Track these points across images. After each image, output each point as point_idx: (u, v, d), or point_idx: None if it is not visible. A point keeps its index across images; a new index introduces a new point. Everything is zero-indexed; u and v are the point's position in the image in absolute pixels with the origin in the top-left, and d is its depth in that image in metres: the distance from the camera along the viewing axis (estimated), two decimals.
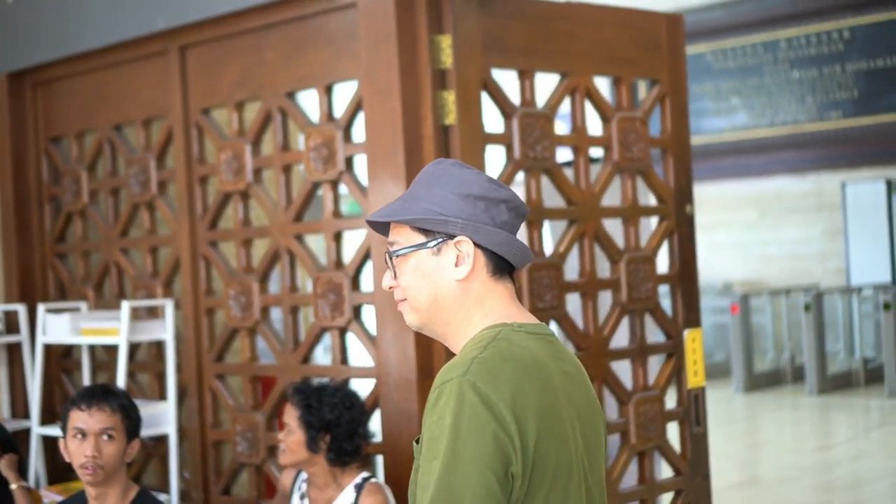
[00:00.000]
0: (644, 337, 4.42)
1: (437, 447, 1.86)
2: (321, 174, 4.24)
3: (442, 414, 1.88)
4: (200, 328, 4.75)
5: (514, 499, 1.87)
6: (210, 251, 4.71)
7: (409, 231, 2.05)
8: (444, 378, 1.91)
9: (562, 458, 1.93)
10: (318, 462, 3.60)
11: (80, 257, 5.38)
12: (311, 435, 3.57)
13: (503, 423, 1.85)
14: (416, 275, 2.05)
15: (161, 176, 4.94)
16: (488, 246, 2.03)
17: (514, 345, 1.96)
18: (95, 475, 3.26)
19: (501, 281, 2.06)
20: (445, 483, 1.83)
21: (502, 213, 2.03)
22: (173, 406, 4.76)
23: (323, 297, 4.24)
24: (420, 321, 2.09)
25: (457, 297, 2.04)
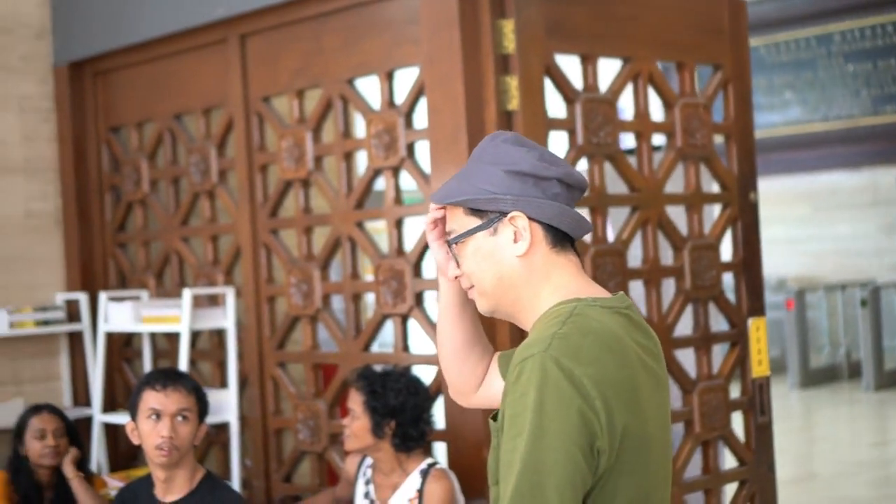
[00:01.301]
0: (708, 325, 4.37)
1: (521, 423, 1.84)
2: (382, 161, 4.23)
3: (525, 390, 1.85)
4: (261, 316, 4.76)
5: (599, 474, 1.86)
6: (271, 239, 4.72)
7: (463, 216, 2.04)
8: (524, 354, 1.89)
9: (643, 432, 1.91)
10: (384, 448, 3.59)
11: (140, 246, 5.41)
12: (376, 420, 3.56)
13: (588, 399, 1.83)
14: (478, 258, 2.04)
15: (221, 164, 4.96)
16: (542, 219, 2.01)
17: (592, 319, 1.94)
18: (170, 456, 3.27)
19: (564, 253, 2.04)
20: (531, 459, 1.81)
21: (553, 187, 2.01)
22: (234, 394, 4.77)
23: (385, 285, 4.23)
24: (490, 305, 2.07)
25: (521, 274, 2.02)
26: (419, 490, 3.56)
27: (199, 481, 3.35)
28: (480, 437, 3.86)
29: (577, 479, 1.81)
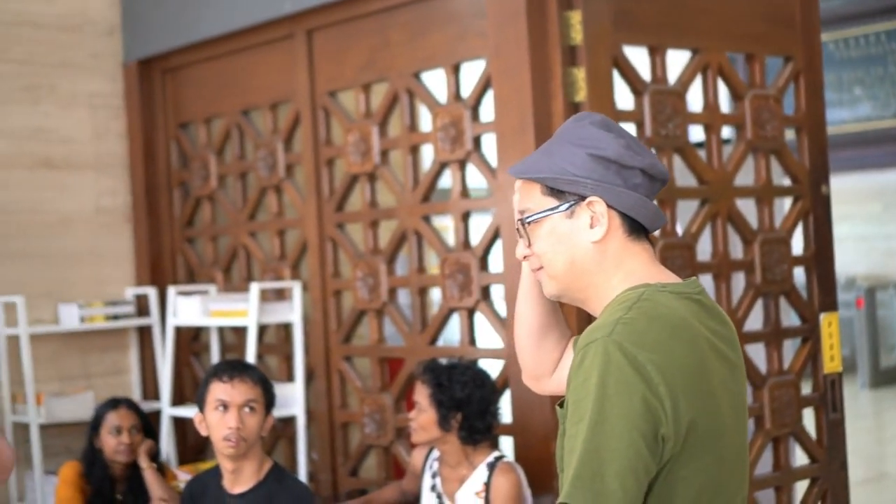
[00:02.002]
0: (779, 320, 4.31)
1: (583, 409, 1.81)
2: (449, 154, 4.22)
3: (587, 375, 1.82)
4: (328, 310, 4.77)
5: (664, 461, 1.82)
6: (337, 233, 4.73)
7: (539, 196, 2.00)
8: (588, 339, 1.86)
9: (713, 419, 1.87)
10: (450, 440, 3.58)
11: (208, 241, 5.45)
12: (443, 413, 3.54)
13: (651, 385, 1.79)
14: (551, 240, 2.00)
15: (288, 159, 4.98)
16: (620, 208, 1.97)
17: (660, 305, 1.90)
18: (238, 447, 3.28)
19: (639, 242, 2.00)
20: (592, 445, 1.78)
21: (635, 177, 1.98)
22: (301, 388, 4.79)
23: (451, 278, 4.22)
24: (558, 288, 2.04)
25: (594, 259, 1.98)
26: (486, 483, 3.55)
27: (266, 473, 3.36)
28: (548, 431, 3.83)
29: (639, 467, 1.77)
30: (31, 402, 4.98)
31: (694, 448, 1.84)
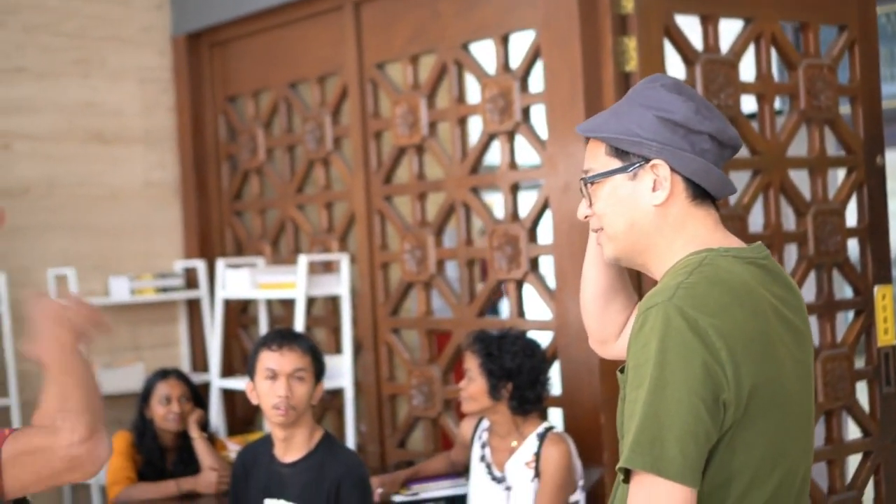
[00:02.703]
0: (832, 292, 4.26)
1: (643, 374, 1.79)
2: (497, 126, 4.20)
3: (647, 340, 1.80)
4: (375, 282, 4.77)
5: (726, 427, 1.79)
6: (385, 206, 4.72)
7: (604, 156, 1.98)
8: (648, 304, 1.83)
9: (776, 385, 1.84)
10: (500, 410, 3.57)
11: (256, 214, 5.46)
12: (493, 383, 3.53)
13: (712, 350, 1.76)
14: (612, 201, 1.98)
15: (336, 132, 4.97)
16: (684, 172, 1.94)
17: (722, 269, 1.87)
18: (287, 415, 3.29)
19: (703, 206, 1.97)
20: (652, 410, 1.76)
21: (703, 142, 1.94)
22: (349, 360, 4.79)
23: (499, 250, 4.20)
24: (617, 250, 2.01)
25: (655, 223, 1.95)
26: (536, 454, 3.53)
27: (317, 442, 3.36)
28: (596, 403, 3.81)
29: (699, 432, 1.74)
30: None
31: (756, 415, 1.81)
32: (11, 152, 5.22)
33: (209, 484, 4.12)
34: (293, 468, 3.34)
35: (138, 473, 4.20)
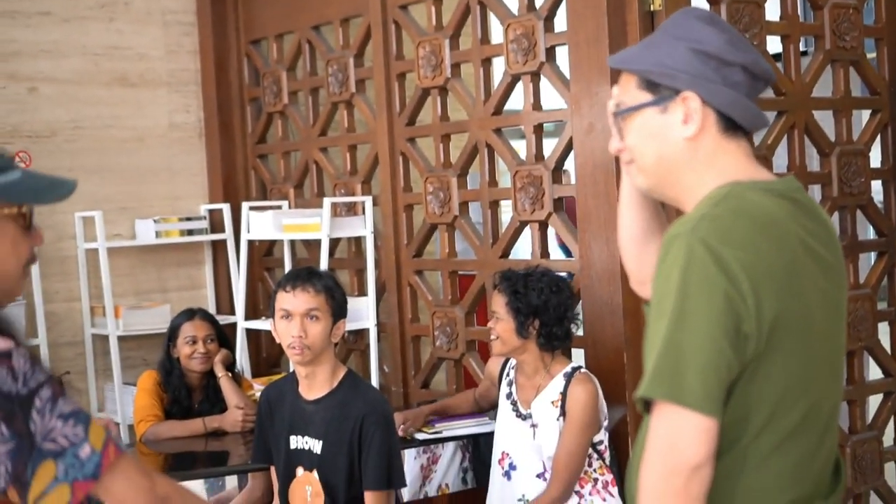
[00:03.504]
0: (855, 233, 4.25)
1: (665, 305, 1.79)
2: (521, 66, 4.19)
3: (669, 272, 1.80)
4: (399, 224, 4.79)
5: (748, 359, 1.79)
6: (408, 147, 4.73)
7: (635, 89, 1.97)
8: (671, 235, 1.83)
9: (802, 319, 1.82)
10: (529, 349, 3.59)
11: (280, 157, 5.48)
12: (520, 321, 3.55)
13: (735, 282, 1.75)
14: (643, 134, 1.97)
15: (359, 74, 4.97)
16: (716, 105, 1.92)
17: (749, 202, 1.86)
18: (303, 354, 3.31)
19: (734, 139, 1.95)
20: (672, 341, 1.76)
21: (735, 74, 1.92)
22: (373, 301, 4.83)
23: (522, 191, 4.21)
24: (648, 183, 2.01)
25: (685, 156, 1.94)
26: (562, 393, 3.56)
27: (340, 379, 3.39)
28: (620, 342, 3.83)
29: (720, 364, 1.74)
30: (110, 315, 5.08)
31: (778, 348, 1.80)
32: (38, 96, 5.25)
33: (235, 422, 4.18)
34: (317, 405, 3.37)
35: (165, 412, 4.25)
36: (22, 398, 1.71)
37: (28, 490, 1.72)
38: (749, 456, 1.82)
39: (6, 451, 1.70)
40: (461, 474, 3.92)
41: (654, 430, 1.78)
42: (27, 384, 1.72)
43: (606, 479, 3.60)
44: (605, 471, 3.60)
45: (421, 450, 3.83)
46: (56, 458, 1.72)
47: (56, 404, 1.74)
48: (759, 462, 1.82)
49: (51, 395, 1.74)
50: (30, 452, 1.71)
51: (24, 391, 1.72)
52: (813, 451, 1.87)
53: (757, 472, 1.82)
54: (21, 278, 1.89)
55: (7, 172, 1.85)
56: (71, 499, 1.73)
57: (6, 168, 1.85)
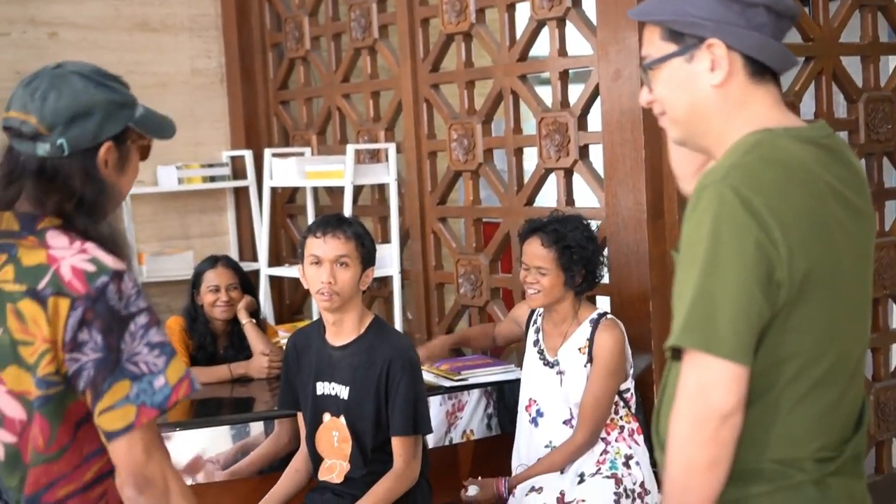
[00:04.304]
0: (882, 180, 4.23)
1: (695, 253, 1.79)
2: (547, 12, 4.15)
3: (700, 219, 1.79)
4: (423, 171, 4.78)
5: (779, 306, 1.79)
6: (432, 94, 4.70)
7: (659, 41, 1.95)
8: (702, 183, 1.83)
9: (833, 266, 1.83)
10: (568, 298, 3.60)
11: (302, 103, 5.46)
12: (570, 274, 3.55)
13: (766, 228, 1.75)
14: (671, 85, 1.96)
15: (382, 19, 4.94)
16: (742, 49, 1.90)
17: (778, 149, 1.85)
18: (331, 301, 3.32)
19: (763, 84, 1.93)
20: (704, 290, 1.76)
21: (759, 16, 1.90)
22: (396, 248, 4.83)
23: (548, 138, 4.19)
24: (680, 133, 2.00)
25: (714, 104, 1.93)
26: (589, 339, 3.56)
27: (367, 326, 3.40)
28: (644, 290, 3.83)
29: (752, 311, 1.75)
30: (134, 261, 5.07)
31: (810, 295, 1.80)
32: (59, 41, 5.24)
33: (260, 368, 4.19)
34: (343, 351, 3.39)
35: (190, 358, 4.27)
36: (121, 318, 1.86)
37: (99, 400, 1.85)
38: (780, 404, 1.83)
39: (94, 359, 1.85)
40: (486, 420, 3.94)
41: (685, 378, 1.79)
42: (128, 307, 1.87)
43: (632, 427, 3.61)
44: (631, 418, 3.62)
45: (446, 396, 3.84)
46: (133, 380, 1.86)
47: (148, 332, 1.88)
48: (790, 409, 1.83)
49: (146, 323, 1.88)
50: (113, 368, 1.85)
51: (125, 312, 1.87)
52: (840, 398, 1.88)
53: (788, 420, 1.83)
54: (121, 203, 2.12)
55: (136, 107, 2.07)
56: (134, 420, 1.86)
57: (134, 104, 2.07)
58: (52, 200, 1.96)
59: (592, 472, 3.57)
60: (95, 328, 1.84)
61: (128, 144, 2.05)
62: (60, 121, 1.96)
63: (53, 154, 1.97)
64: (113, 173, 2.02)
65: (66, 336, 1.85)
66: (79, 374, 1.86)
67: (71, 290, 1.86)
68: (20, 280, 1.89)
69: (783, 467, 1.84)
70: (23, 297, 1.88)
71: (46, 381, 1.87)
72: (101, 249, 1.93)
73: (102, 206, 2.00)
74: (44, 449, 1.90)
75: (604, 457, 3.58)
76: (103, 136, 1.99)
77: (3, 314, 1.89)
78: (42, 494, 1.92)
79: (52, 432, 1.90)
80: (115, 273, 1.88)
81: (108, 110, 2.00)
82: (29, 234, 1.94)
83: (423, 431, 3.36)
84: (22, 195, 1.98)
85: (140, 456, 1.88)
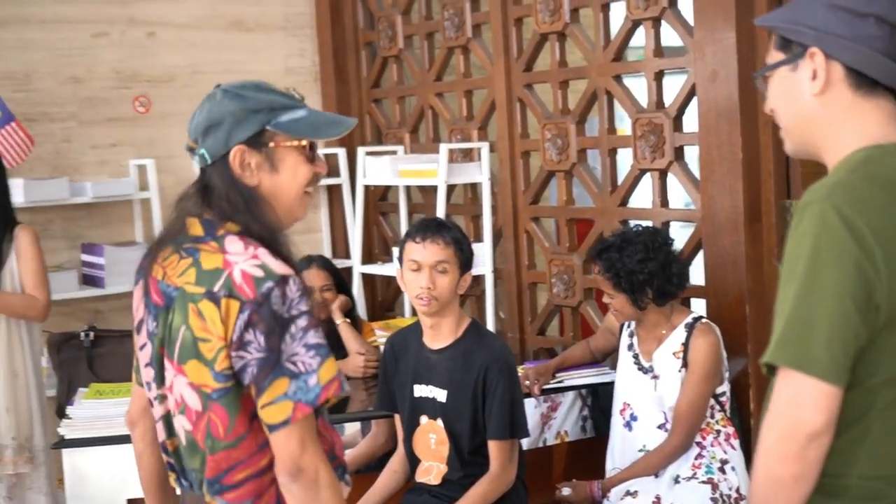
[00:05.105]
0: None
1: (795, 270, 1.77)
2: (642, 12, 4.13)
3: (802, 237, 1.77)
4: (516, 171, 4.78)
5: (877, 329, 1.76)
6: (526, 94, 4.70)
7: (773, 49, 1.95)
8: (806, 200, 1.80)
9: None
10: (649, 309, 3.59)
11: (395, 102, 5.49)
12: (632, 297, 3.55)
13: (867, 250, 1.72)
14: (779, 94, 1.94)
15: (476, 19, 4.95)
16: (843, 60, 1.86)
17: (886, 167, 1.82)
18: (430, 305, 3.34)
19: (873, 98, 1.88)
20: (800, 308, 1.74)
21: (869, 27, 1.86)
22: (489, 247, 4.84)
23: (643, 139, 4.17)
24: (791, 144, 1.99)
25: (815, 114, 1.90)
26: (684, 344, 3.55)
27: (465, 329, 3.41)
28: (741, 293, 3.80)
29: (848, 334, 1.72)
30: None
31: None
32: (156, 41, 5.33)
33: (356, 367, 4.23)
34: (441, 355, 3.41)
35: None
36: (283, 320, 2.00)
37: (261, 395, 2.01)
38: (873, 425, 1.80)
39: (257, 358, 2.00)
40: (580, 423, 3.94)
41: (778, 393, 1.78)
42: (290, 311, 2.01)
43: (728, 431, 3.59)
44: (727, 423, 3.59)
45: (541, 398, 3.85)
46: (291, 378, 2.00)
47: (306, 334, 2.01)
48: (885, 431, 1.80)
49: (305, 326, 2.01)
50: (273, 366, 1.99)
51: (287, 315, 2.00)
52: None
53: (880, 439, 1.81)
54: (300, 201, 2.22)
55: (293, 111, 2.17)
56: (290, 415, 2.00)
57: (293, 107, 2.17)
58: (215, 206, 2.13)
59: (688, 477, 3.56)
60: (259, 330, 1.99)
61: (270, 147, 2.14)
62: (200, 134, 2.15)
63: (203, 164, 2.16)
64: (259, 175, 2.14)
65: (234, 335, 2.00)
66: (244, 370, 2.01)
67: (241, 294, 2.01)
68: (200, 283, 2.05)
69: (871, 483, 1.82)
70: (202, 299, 2.03)
71: (224, 375, 2.03)
72: (271, 255, 2.06)
73: (260, 208, 2.13)
74: (223, 437, 2.06)
75: (699, 461, 3.56)
76: (233, 141, 2.12)
77: (187, 313, 2.06)
78: (222, 477, 2.09)
79: (231, 422, 2.05)
80: (281, 278, 2.01)
81: (238, 117, 2.12)
82: (211, 240, 2.10)
83: (520, 435, 3.37)
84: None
85: (295, 448, 2.01)
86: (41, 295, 4.05)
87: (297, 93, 2.23)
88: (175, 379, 2.10)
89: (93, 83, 5.20)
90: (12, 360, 4.10)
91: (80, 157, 5.18)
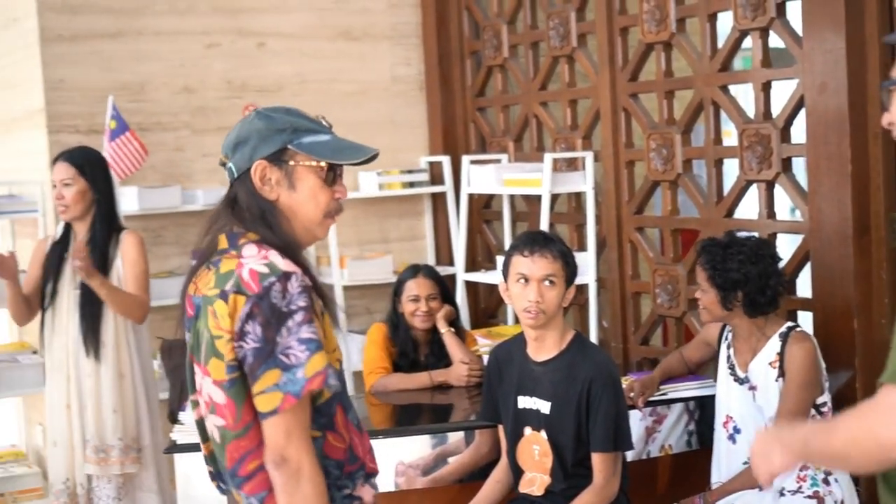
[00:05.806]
0: None
1: None
2: (750, 22, 4.10)
3: None
4: (620, 180, 4.78)
5: None
6: (631, 103, 4.70)
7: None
8: None
9: None
10: (738, 315, 3.57)
11: (499, 110, 5.52)
12: (723, 294, 3.53)
13: None
14: None
15: (581, 28, 4.95)
16: None
17: None
18: (537, 319, 3.37)
19: None
20: None
21: None
22: (593, 257, 4.84)
23: (749, 150, 4.14)
24: None
25: None
26: (780, 353, 3.52)
27: (569, 342, 3.43)
28: (848, 306, 3.76)
29: None
30: (335, 265, 5.25)
31: None
32: (266, 51, 5.44)
33: (460, 376, 4.27)
34: (545, 367, 3.43)
35: (393, 364, 4.38)
36: (282, 314, 2.09)
37: (254, 384, 2.10)
38: None
39: (253, 347, 2.09)
40: (685, 436, 3.92)
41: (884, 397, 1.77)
42: (289, 305, 2.10)
43: None
44: None
45: (647, 411, 3.85)
46: (283, 370, 2.08)
47: (301, 329, 2.09)
48: None
49: (301, 321, 2.09)
50: (267, 357, 2.08)
51: (285, 310, 2.09)
52: None
53: None
54: (320, 224, 2.27)
55: (317, 134, 2.26)
56: (279, 406, 2.08)
57: (318, 131, 2.27)
58: (239, 217, 2.25)
59: (793, 490, 3.52)
60: (257, 321, 2.09)
61: (290, 165, 2.24)
62: (230, 150, 2.29)
63: (231, 178, 2.29)
64: (278, 190, 2.24)
65: (236, 326, 2.11)
66: (243, 360, 2.11)
67: (247, 289, 2.11)
68: (217, 285, 2.16)
69: None
70: (217, 299, 2.14)
71: (231, 366, 2.13)
72: (280, 255, 2.16)
73: (276, 220, 2.23)
74: (233, 426, 2.15)
75: (804, 473, 3.53)
76: (257, 157, 2.24)
77: (206, 315, 2.17)
78: (238, 468, 2.17)
79: (238, 411, 2.14)
80: (283, 274, 2.11)
81: (263, 135, 2.24)
82: (232, 250, 2.21)
83: (624, 448, 3.38)
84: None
85: (281, 438, 2.09)
86: (141, 297, 4.21)
87: (325, 121, 2.32)
88: (203, 381, 2.20)
89: (205, 93, 5.33)
90: (119, 361, 4.24)
91: (192, 165, 5.31)
